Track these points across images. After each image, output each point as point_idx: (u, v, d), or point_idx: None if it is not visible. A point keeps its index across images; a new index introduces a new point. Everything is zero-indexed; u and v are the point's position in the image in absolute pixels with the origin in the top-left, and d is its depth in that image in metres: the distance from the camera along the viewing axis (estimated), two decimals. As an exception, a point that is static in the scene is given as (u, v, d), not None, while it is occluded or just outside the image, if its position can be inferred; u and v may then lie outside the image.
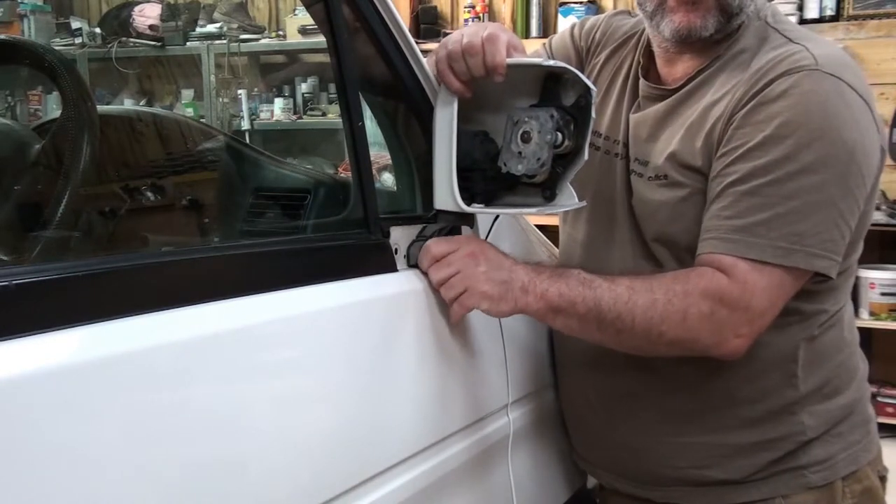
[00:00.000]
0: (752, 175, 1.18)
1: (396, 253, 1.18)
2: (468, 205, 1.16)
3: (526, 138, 1.13)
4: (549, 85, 1.16)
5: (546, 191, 1.18)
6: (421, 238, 1.20)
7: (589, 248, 1.40)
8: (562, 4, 4.72)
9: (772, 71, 1.21)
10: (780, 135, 1.17)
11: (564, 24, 4.72)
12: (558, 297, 1.17)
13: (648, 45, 1.37)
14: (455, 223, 1.24)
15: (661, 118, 1.31)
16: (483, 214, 1.28)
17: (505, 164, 1.14)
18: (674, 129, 1.29)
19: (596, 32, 1.48)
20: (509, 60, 1.14)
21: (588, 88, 1.13)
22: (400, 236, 1.19)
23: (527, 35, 4.89)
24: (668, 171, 1.27)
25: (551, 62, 1.16)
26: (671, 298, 1.17)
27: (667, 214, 1.28)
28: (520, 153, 1.13)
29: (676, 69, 1.33)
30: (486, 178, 1.18)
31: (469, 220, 1.27)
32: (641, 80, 1.36)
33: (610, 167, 1.37)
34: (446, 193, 1.16)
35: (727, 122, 1.22)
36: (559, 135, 1.13)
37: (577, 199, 1.18)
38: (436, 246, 1.18)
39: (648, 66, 1.38)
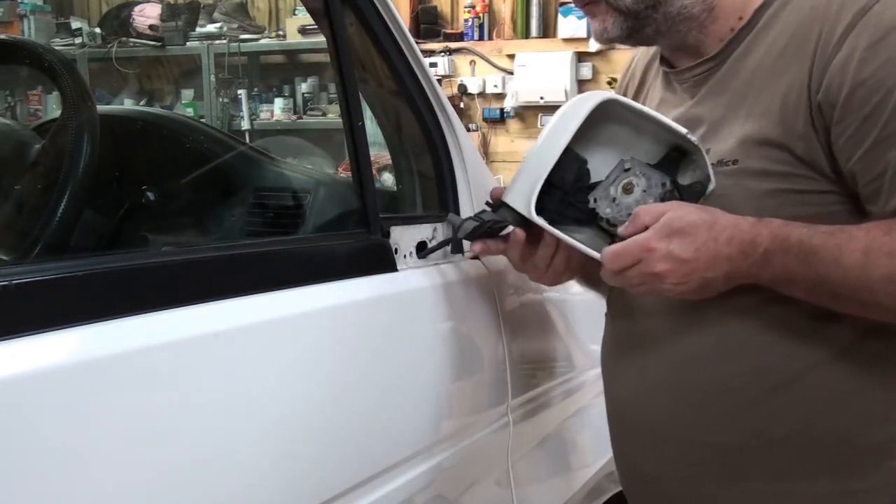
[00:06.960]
0: None
1: (396, 253, 1.18)
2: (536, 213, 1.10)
3: (628, 189, 1.08)
4: (672, 155, 1.11)
5: (613, 242, 1.10)
6: (477, 219, 1.14)
7: None
8: (562, 4, 4.71)
9: None
10: None
11: (564, 24, 4.71)
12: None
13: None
14: (511, 223, 1.16)
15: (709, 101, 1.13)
16: (544, 229, 1.15)
17: (595, 201, 1.10)
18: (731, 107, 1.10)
19: (626, 76, 1.35)
20: (654, 114, 1.07)
21: (709, 179, 1.07)
22: (400, 236, 1.19)
23: (527, 35, 4.88)
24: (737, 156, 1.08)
25: (694, 138, 1.08)
26: None
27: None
28: (614, 199, 1.09)
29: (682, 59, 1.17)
30: (561, 201, 1.13)
31: (527, 225, 1.16)
32: (663, 70, 1.21)
33: None
34: (524, 193, 1.10)
35: (819, 55, 1.00)
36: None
37: None
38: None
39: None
